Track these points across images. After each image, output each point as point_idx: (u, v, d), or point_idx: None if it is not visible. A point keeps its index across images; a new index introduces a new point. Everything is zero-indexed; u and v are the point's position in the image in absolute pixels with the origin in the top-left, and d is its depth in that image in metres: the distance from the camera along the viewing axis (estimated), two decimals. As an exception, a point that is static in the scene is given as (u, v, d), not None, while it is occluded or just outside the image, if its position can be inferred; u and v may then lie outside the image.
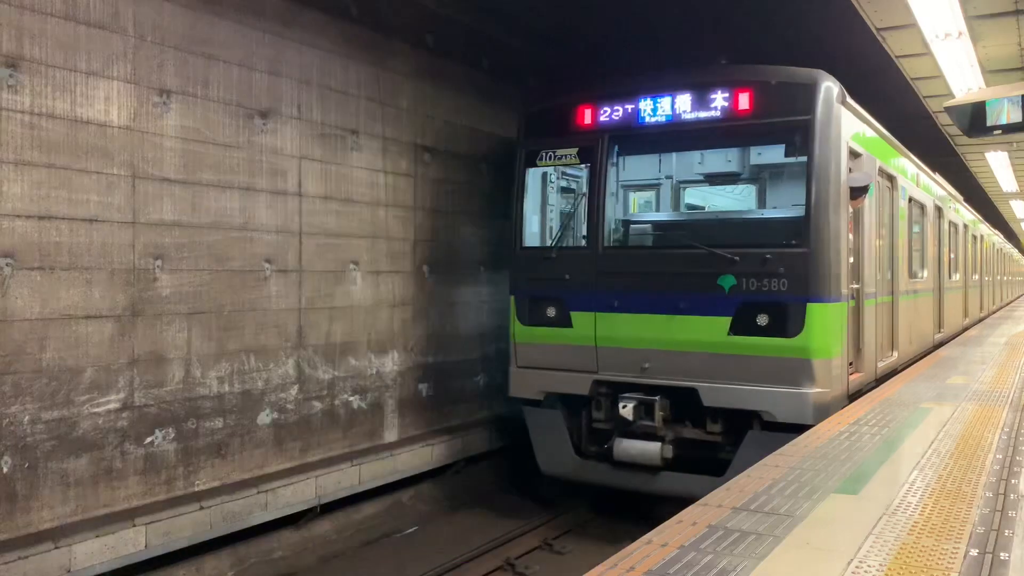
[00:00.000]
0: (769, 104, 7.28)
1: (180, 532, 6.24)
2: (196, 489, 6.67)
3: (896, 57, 9.18)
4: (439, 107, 9.36)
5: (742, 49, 11.50)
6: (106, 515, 5.97)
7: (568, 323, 7.90)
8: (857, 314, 8.12)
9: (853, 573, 3.19)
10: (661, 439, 7.41)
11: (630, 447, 7.48)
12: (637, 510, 8.07)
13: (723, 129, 7.53)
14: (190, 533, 6.31)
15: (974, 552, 3.44)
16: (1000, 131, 7.74)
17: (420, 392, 9.15)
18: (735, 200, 9.60)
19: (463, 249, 9.81)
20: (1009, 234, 41.04)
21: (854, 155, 7.88)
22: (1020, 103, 7.45)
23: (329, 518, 7.70)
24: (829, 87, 7.25)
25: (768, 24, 10.41)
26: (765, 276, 7.08)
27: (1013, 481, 4.59)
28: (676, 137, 8.02)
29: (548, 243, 8.52)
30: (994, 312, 24.95)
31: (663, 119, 7.65)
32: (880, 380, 8.81)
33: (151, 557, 6.06)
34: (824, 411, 6.92)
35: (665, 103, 7.64)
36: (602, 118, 7.95)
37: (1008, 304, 33.37)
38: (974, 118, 7.78)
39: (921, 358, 11.15)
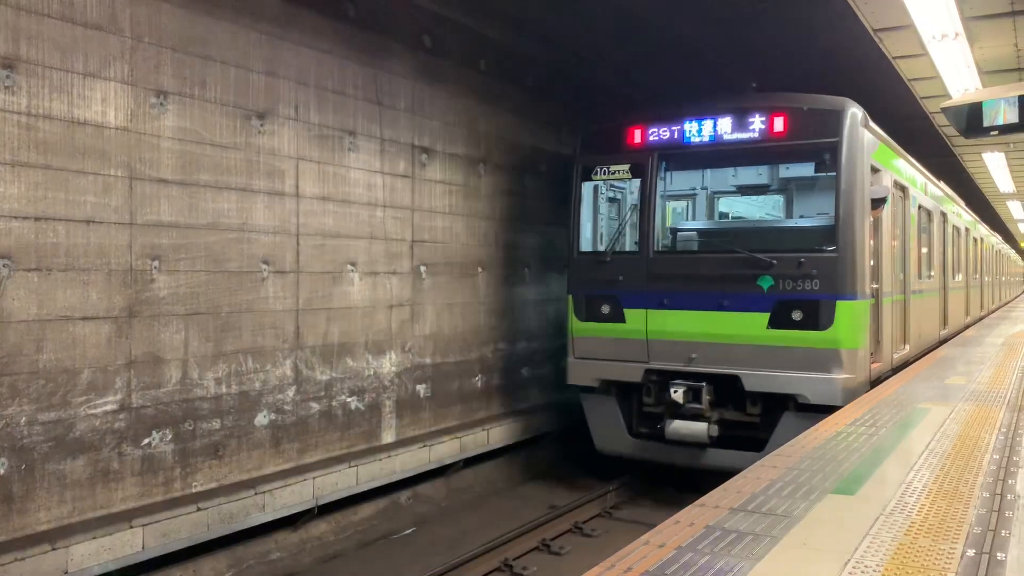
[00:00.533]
0: (801, 127, 8.28)
1: (177, 533, 6.23)
2: (193, 490, 6.67)
3: (893, 58, 9.20)
4: (436, 108, 9.36)
5: (734, 42, 11.51)
6: (103, 516, 5.96)
7: (622, 319, 8.98)
8: (876, 311, 9.03)
9: (850, 573, 3.19)
10: (707, 420, 8.41)
11: (681, 427, 8.51)
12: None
13: (759, 148, 8.57)
14: (187, 535, 6.31)
15: (971, 552, 3.45)
16: (997, 132, 7.76)
17: (417, 393, 9.14)
18: (763, 209, 10.54)
19: (462, 250, 9.81)
20: (1006, 234, 41.30)
21: (874, 170, 8.83)
22: (1017, 104, 7.46)
23: (327, 519, 7.69)
24: (855, 113, 8.31)
25: (762, 23, 10.42)
26: (799, 277, 8.13)
27: (1010, 482, 4.60)
28: (717, 155, 8.93)
29: (602, 249, 9.61)
30: (993, 311, 25.91)
31: (707, 139, 8.72)
32: (896, 369, 9.75)
33: (148, 559, 6.05)
34: (851, 394, 7.92)
35: (708, 125, 8.71)
36: (652, 138, 9.03)
37: (1006, 304, 34.22)
38: (971, 119, 7.80)
39: (928, 352, 12.04)
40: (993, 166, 17.86)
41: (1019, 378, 8.81)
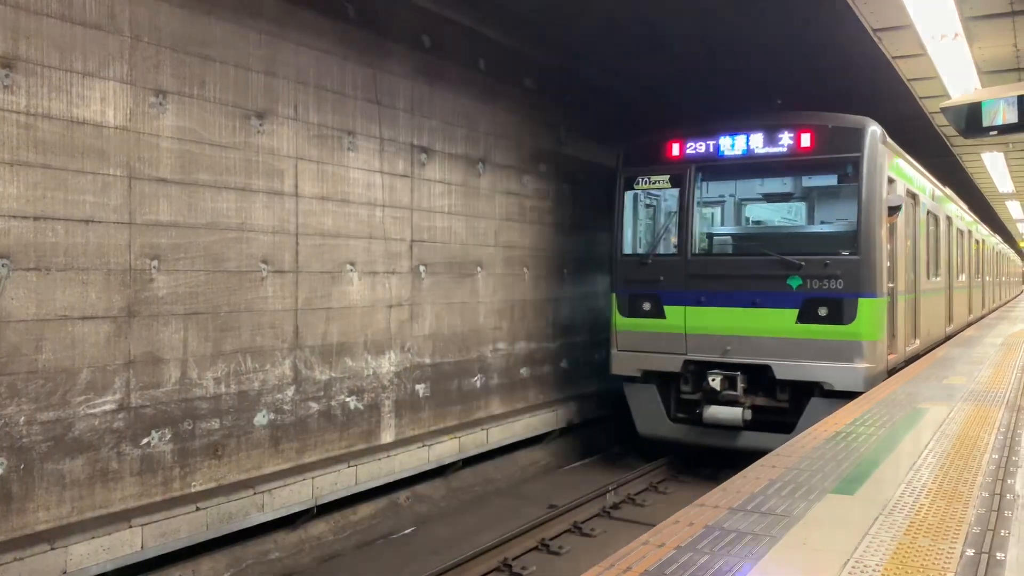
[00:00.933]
0: (827, 143, 9.18)
1: (176, 533, 6.23)
2: (192, 490, 6.67)
3: (892, 58, 9.20)
4: (435, 108, 9.36)
5: (722, 41, 11.51)
6: (102, 516, 5.96)
7: (662, 315, 9.87)
8: (892, 308, 9.88)
9: (850, 573, 3.19)
10: (741, 405, 9.35)
11: (717, 412, 9.39)
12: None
13: (788, 161, 9.46)
14: (186, 534, 6.30)
15: (970, 552, 3.45)
16: (996, 132, 7.77)
17: (417, 393, 9.14)
18: (790, 216, 11.24)
19: (461, 250, 9.81)
20: (1005, 234, 41.44)
21: (890, 181, 9.64)
22: (1016, 104, 7.47)
23: (325, 519, 7.69)
24: (875, 131, 9.20)
25: (761, 25, 10.42)
26: (825, 277, 9.03)
27: (1009, 481, 4.60)
28: (749, 167, 9.80)
29: (643, 251, 10.50)
30: (994, 310, 26.87)
31: (740, 153, 9.61)
32: (908, 361, 10.66)
33: (147, 558, 6.04)
34: (871, 381, 8.79)
35: (741, 140, 9.59)
36: (689, 151, 9.91)
37: (1006, 304, 34.83)
38: (970, 119, 7.81)
39: (936, 347, 12.92)
40: (992, 166, 17.87)
41: (1018, 378, 8.82)
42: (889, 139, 9.72)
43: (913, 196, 11.31)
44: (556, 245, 11.75)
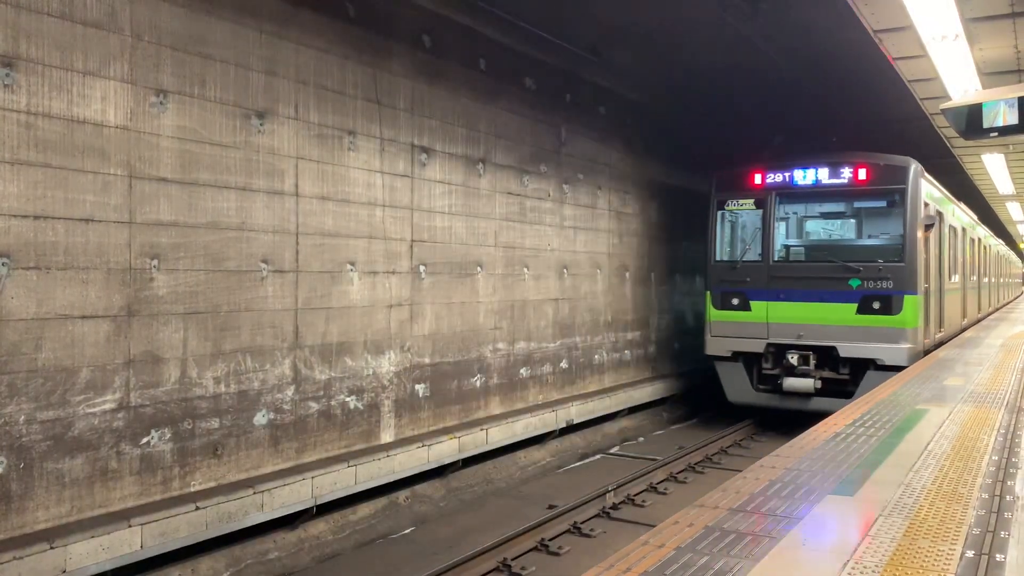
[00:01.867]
0: (879, 176, 11.88)
1: (175, 533, 6.23)
2: (192, 490, 6.67)
3: (894, 59, 9.20)
4: (436, 108, 9.36)
5: (731, 40, 11.54)
6: (101, 515, 5.96)
7: (748, 308, 12.51)
8: (926, 303, 12.40)
9: (849, 574, 3.19)
10: (813, 377, 11.92)
11: (795, 382, 12.04)
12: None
13: (848, 189, 12.15)
14: (186, 534, 6.30)
15: (970, 554, 3.45)
16: (996, 133, 7.75)
17: (416, 392, 9.14)
18: (848, 231, 13.53)
19: (459, 251, 9.81)
20: (1005, 235, 41.79)
21: (925, 205, 12.26)
22: (1016, 105, 7.46)
23: (325, 519, 7.69)
24: (916, 168, 11.90)
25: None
26: (878, 279, 11.66)
27: (1009, 483, 4.60)
28: (817, 193, 12.49)
29: (732, 258, 13.09)
30: (1000, 308, 30.11)
31: (810, 182, 12.33)
32: (936, 345, 13.24)
33: (146, 558, 6.04)
34: (913, 358, 11.31)
35: (811, 173, 12.30)
36: (769, 181, 12.60)
37: (1008, 304, 36.72)
38: (971, 120, 7.79)
39: (954, 336, 15.43)
40: (993, 168, 17.86)
41: (1017, 379, 8.82)
42: (925, 173, 12.34)
43: (939, 214, 13.73)
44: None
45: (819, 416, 7.55)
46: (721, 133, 17.33)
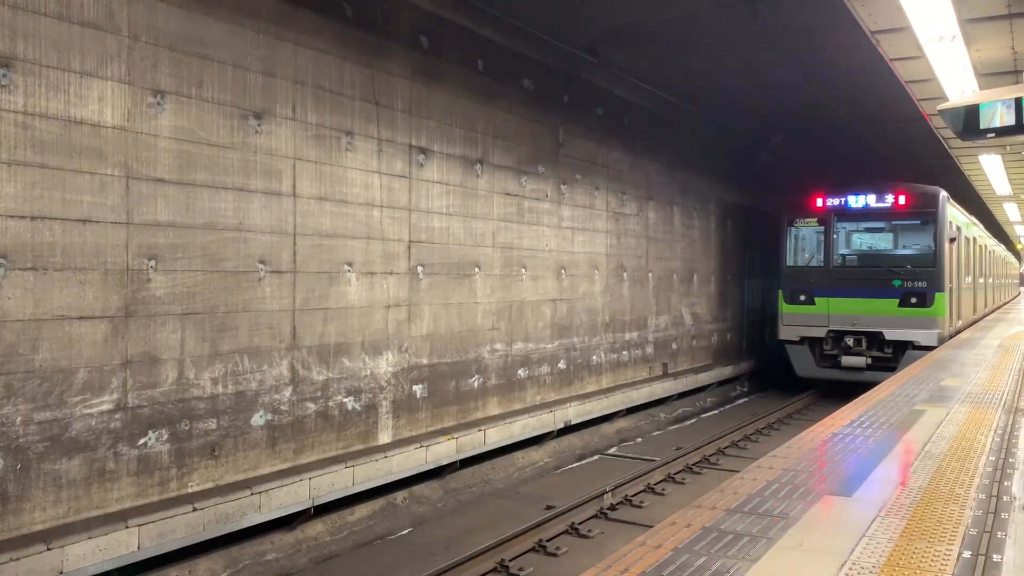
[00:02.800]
0: (915, 201, 15.46)
1: (173, 534, 6.22)
2: (189, 491, 6.66)
3: (891, 60, 9.21)
4: (434, 108, 9.36)
5: (729, 37, 11.53)
6: (99, 516, 5.95)
7: (813, 303, 16.11)
8: (950, 298, 15.93)
9: (846, 575, 3.19)
10: (864, 355, 15.51)
11: (850, 359, 15.65)
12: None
13: (891, 211, 15.71)
14: (183, 535, 6.30)
15: (967, 554, 3.45)
16: (993, 134, 7.76)
17: (414, 393, 9.14)
18: (889, 242, 16.59)
19: (457, 251, 9.81)
20: (1001, 234, 42.56)
21: (950, 224, 15.98)
22: (1013, 106, 7.47)
23: (323, 519, 7.69)
24: (944, 195, 15.55)
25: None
26: (915, 279, 15.23)
27: (1006, 483, 4.61)
28: (867, 213, 16.01)
29: (799, 263, 16.70)
30: (1000, 307, 33.92)
31: (861, 206, 15.93)
32: (956, 332, 16.92)
33: (144, 559, 6.03)
34: (941, 340, 14.91)
35: (863, 198, 15.89)
36: (829, 203, 16.23)
37: (1006, 304, 39.27)
38: (968, 121, 7.80)
39: (969, 326, 19.38)
40: (989, 168, 17.88)
41: (1015, 380, 8.83)
42: (951, 199, 16.07)
43: (959, 229, 17.37)
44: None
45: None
46: (721, 132, 17.35)
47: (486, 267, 10.30)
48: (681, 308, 16.01)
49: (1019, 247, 50.03)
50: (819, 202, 16.33)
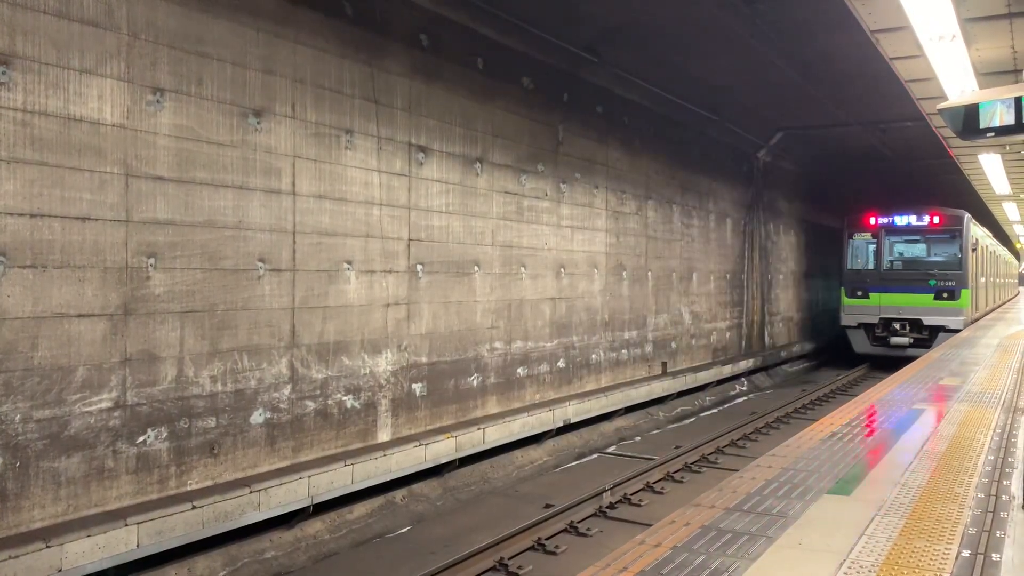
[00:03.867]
0: (947, 220, 20.33)
1: (172, 532, 6.22)
2: (188, 488, 6.66)
3: (890, 59, 9.20)
4: (433, 107, 9.36)
5: (727, 36, 11.53)
6: (98, 514, 5.95)
7: (867, 297, 20.66)
8: (972, 293, 20.58)
9: (845, 574, 3.19)
10: (907, 336, 19.97)
11: (897, 339, 20.14)
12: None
13: (928, 228, 20.47)
14: (182, 533, 6.29)
15: (966, 553, 3.45)
16: (993, 134, 7.75)
17: (413, 391, 9.14)
18: (926, 251, 21.23)
19: (456, 250, 9.81)
20: (1001, 235, 43.35)
21: (972, 237, 20.71)
22: (1013, 106, 7.46)
23: (322, 518, 7.68)
24: (968, 216, 20.73)
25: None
26: (945, 279, 19.99)
27: (1005, 483, 4.61)
28: (909, 229, 20.74)
29: (856, 267, 21.35)
30: (1003, 304, 38.74)
31: (904, 224, 20.76)
32: (974, 320, 21.71)
33: (143, 557, 6.03)
34: (966, 325, 19.82)
35: (906, 217, 20.69)
36: (880, 221, 20.87)
37: (1007, 302, 42.78)
38: (967, 120, 7.79)
39: (983, 316, 24.58)
40: (989, 168, 17.87)
41: (1014, 379, 8.83)
42: (973, 219, 21.45)
43: (976, 241, 22.13)
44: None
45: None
46: (720, 131, 17.35)
47: (485, 266, 10.30)
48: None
49: (1018, 247, 50.44)
50: (872, 220, 21.30)
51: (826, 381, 18.90)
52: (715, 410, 15.81)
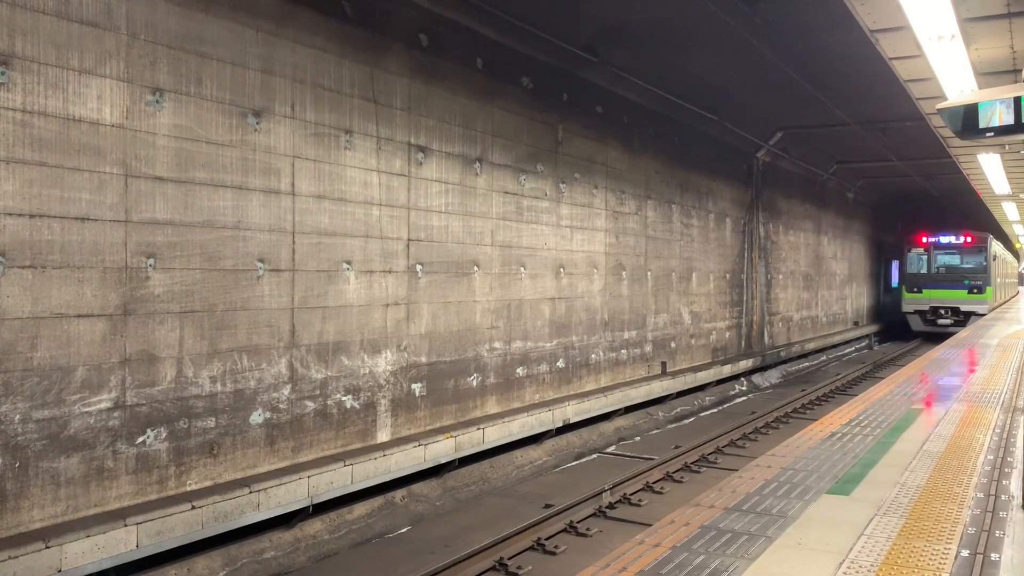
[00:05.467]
0: (977, 240, 30.89)
1: (171, 532, 6.22)
2: (188, 489, 6.66)
3: (890, 59, 9.20)
4: (432, 107, 9.36)
5: (728, 35, 11.51)
6: (97, 515, 5.95)
7: (921, 292, 30.86)
8: (994, 290, 32.00)
9: (844, 573, 3.19)
10: (948, 319, 30.57)
11: (942, 321, 30.50)
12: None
13: (963, 245, 31.04)
14: (181, 533, 6.30)
15: (965, 553, 3.45)
16: (992, 134, 7.75)
17: (413, 392, 9.14)
18: (961, 261, 30.51)
19: (456, 250, 9.81)
20: (999, 234, 44.21)
21: (993, 251, 32.13)
22: (1012, 105, 7.46)
23: (321, 518, 7.69)
24: (991, 237, 31.75)
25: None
26: (975, 280, 30.43)
27: (1004, 482, 4.61)
28: (950, 246, 31.07)
29: (913, 271, 31.29)
30: (1009, 299, 46.21)
31: (947, 242, 31.27)
32: (995, 307, 32.69)
33: (142, 557, 6.03)
34: (990, 311, 30.56)
35: (947, 238, 31.24)
36: (928, 240, 31.23)
37: (1010, 300, 49.57)
38: (966, 120, 7.79)
39: (1000, 306, 34.75)
40: (988, 168, 17.87)
41: (1013, 379, 8.83)
42: (995, 239, 32.46)
43: (995, 252, 31.65)
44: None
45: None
46: (719, 131, 17.35)
47: (485, 266, 10.30)
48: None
49: (1017, 247, 51.19)
50: (924, 239, 30.96)
51: (825, 381, 18.92)
52: (715, 410, 15.82)
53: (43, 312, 5.66)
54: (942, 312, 30.19)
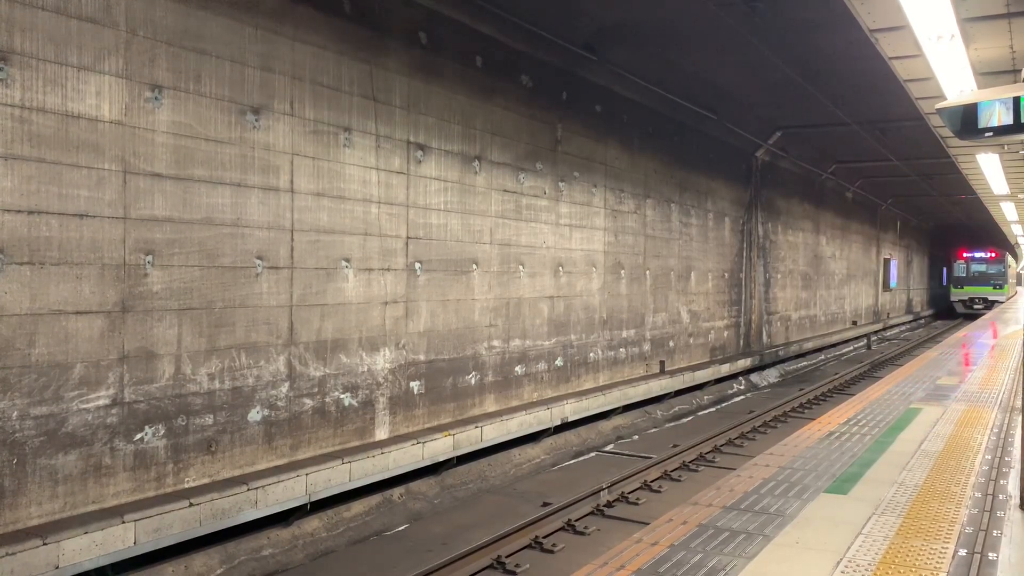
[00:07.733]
0: (998, 255, 48.85)
1: (169, 529, 6.22)
2: (186, 486, 6.66)
3: (889, 59, 9.21)
4: (432, 105, 9.35)
5: (729, 35, 11.50)
6: (95, 512, 5.95)
7: (963, 289, 48.89)
8: (1008, 287, 51.99)
9: (842, 572, 3.20)
10: (981, 305, 49.11)
11: (976, 307, 48.87)
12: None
13: (989, 258, 49.34)
14: (179, 530, 6.29)
15: (962, 552, 3.46)
16: (991, 134, 7.74)
17: (411, 390, 9.14)
18: (987, 268, 48.51)
19: (455, 248, 9.81)
20: (1000, 235, 50.33)
21: (1010, 262, 54.44)
22: (1012, 105, 7.45)
23: (319, 515, 7.68)
24: (1007, 253, 52.01)
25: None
26: (998, 280, 48.74)
27: (1002, 482, 4.62)
28: (980, 260, 49.21)
29: (958, 275, 49.19)
30: (1011, 296, 56.49)
31: (979, 256, 49.35)
32: (1009, 298, 51.49)
33: (140, 554, 6.03)
34: (1007, 300, 49.93)
35: (979, 253, 48.92)
36: (965, 255, 49.21)
37: (1011, 297, 60.16)
38: (966, 120, 7.78)
39: (1010, 299, 51.01)
40: (987, 168, 17.88)
41: (1011, 379, 8.84)
42: (1012, 256, 55.71)
43: (1011, 263, 53.50)
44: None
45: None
46: (718, 130, 17.35)
47: (484, 264, 10.30)
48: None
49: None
50: (964, 254, 45.94)
51: (824, 379, 18.95)
52: (713, 409, 15.83)
53: (41, 309, 5.66)
54: (976, 301, 46.80)
